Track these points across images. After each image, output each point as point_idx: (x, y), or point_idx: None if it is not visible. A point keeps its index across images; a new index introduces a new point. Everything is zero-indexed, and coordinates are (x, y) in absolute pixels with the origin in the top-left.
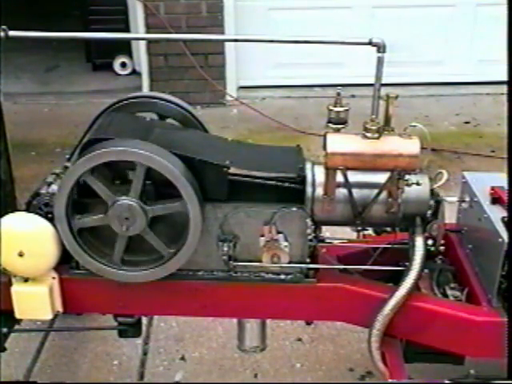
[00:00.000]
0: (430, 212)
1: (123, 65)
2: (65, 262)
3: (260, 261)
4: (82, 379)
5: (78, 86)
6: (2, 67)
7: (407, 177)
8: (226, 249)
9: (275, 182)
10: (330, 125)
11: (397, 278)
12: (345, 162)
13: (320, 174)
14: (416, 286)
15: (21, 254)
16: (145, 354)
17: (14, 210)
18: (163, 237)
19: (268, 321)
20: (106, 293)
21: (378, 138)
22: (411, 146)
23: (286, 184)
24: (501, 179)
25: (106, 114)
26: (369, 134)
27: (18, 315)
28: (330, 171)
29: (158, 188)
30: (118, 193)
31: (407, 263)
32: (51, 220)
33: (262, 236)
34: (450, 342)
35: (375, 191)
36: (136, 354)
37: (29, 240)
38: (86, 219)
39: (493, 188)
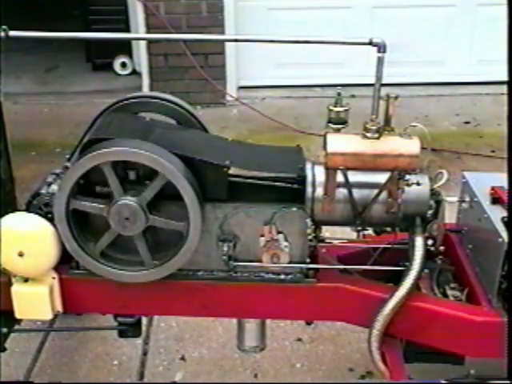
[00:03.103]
0: (430, 212)
1: (123, 65)
2: (65, 262)
3: (260, 261)
4: (82, 379)
5: (78, 85)
6: (1, 67)
7: (407, 177)
8: (226, 249)
9: (275, 182)
10: (330, 125)
11: (397, 278)
12: (345, 162)
13: (320, 174)
14: (416, 286)
15: (21, 254)
16: (145, 354)
17: (14, 210)
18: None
19: (268, 321)
20: (106, 293)
21: (378, 138)
22: (411, 146)
23: (286, 184)
24: (501, 179)
25: (106, 113)
26: (369, 134)
27: (17, 315)
28: (330, 171)
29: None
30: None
31: (407, 263)
32: (51, 220)
33: (262, 236)
34: (450, 342)
35: (375, 191)
36: (136, 354)
37: (29, 240)
38: (85, 203)
39: (493, 188)
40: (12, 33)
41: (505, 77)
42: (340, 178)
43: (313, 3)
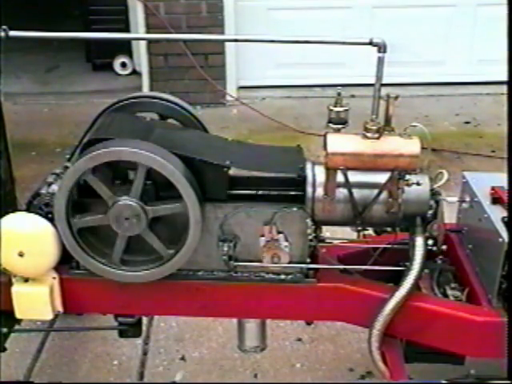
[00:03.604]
0: (430, 212)
1: (123, 65)
2: (65, 262)
3: (260, 261)
4: (82, 379)
5: (78, 85)
6: (1, 67)
7: (407, 177)
8: (226, 249)
9: (275, 182)
10: (330, 125)
11: (397, 278)
12: (345, 162)
13: (320, 174)
14: (416, 286)
15: (21, 254)
16: (145, 354)
17: (14, 210)
18: (163, 237)
19: (268, 321)
20: (106, 293)
21: (378, 138)
22: (411, 146)
23: (287, 184)
24: (501, 179)
25: (106, 114)
26: (369, 134)
27: (18, 315)
28: (330, 171)
29: (159, 188)
30: (118, 193)
31: (407, 263)
32: (51, 220)
33: (263, 236)
34: (451, 342)
35: (375, 191)
36: (136, 354)
37: (29, 240)
38: (86, 219)
39: (493, 188)
40: (12, 33)
41: (505, 77)
42: (340, 177)
43: (313, 3)
